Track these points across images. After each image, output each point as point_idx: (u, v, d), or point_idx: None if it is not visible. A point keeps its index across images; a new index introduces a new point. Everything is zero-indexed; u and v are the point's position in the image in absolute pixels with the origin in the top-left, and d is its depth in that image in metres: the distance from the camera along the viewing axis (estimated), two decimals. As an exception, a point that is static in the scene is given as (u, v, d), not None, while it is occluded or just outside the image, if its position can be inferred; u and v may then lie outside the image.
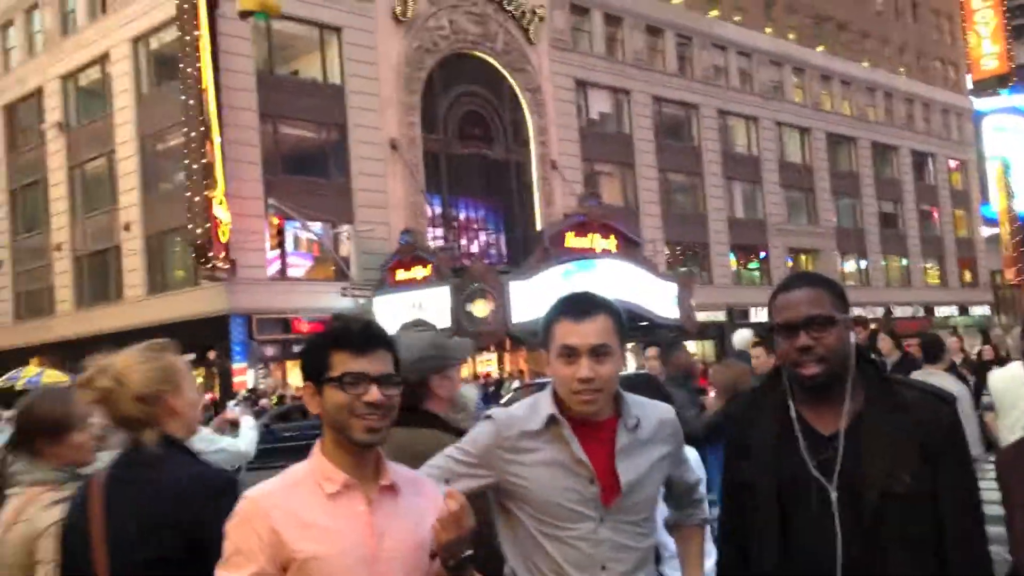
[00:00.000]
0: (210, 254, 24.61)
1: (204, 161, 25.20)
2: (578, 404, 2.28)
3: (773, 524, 2.16)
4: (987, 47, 59.56)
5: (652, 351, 8.52)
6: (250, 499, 2.00)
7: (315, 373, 2.05)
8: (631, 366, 32.37)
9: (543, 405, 2.34)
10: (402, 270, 28.61)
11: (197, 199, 25.05)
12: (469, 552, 1.99)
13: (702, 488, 2.68)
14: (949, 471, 2.13)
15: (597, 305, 2.33)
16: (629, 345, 34.92)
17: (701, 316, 31.27)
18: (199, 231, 24.76)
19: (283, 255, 28.24)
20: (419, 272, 28.03)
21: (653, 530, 2.39)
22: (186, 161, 25.76)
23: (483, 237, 34.42)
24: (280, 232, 25.79)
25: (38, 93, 34.38)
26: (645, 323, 31.56)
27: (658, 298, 31.35)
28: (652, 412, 2.42)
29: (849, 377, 2.18)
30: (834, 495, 2.11)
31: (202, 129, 25.23)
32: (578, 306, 2.32)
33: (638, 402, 2.40)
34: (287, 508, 1.97)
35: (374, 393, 2.01)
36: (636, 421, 2.34)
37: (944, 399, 2.21)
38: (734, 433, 2.34)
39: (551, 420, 2.30)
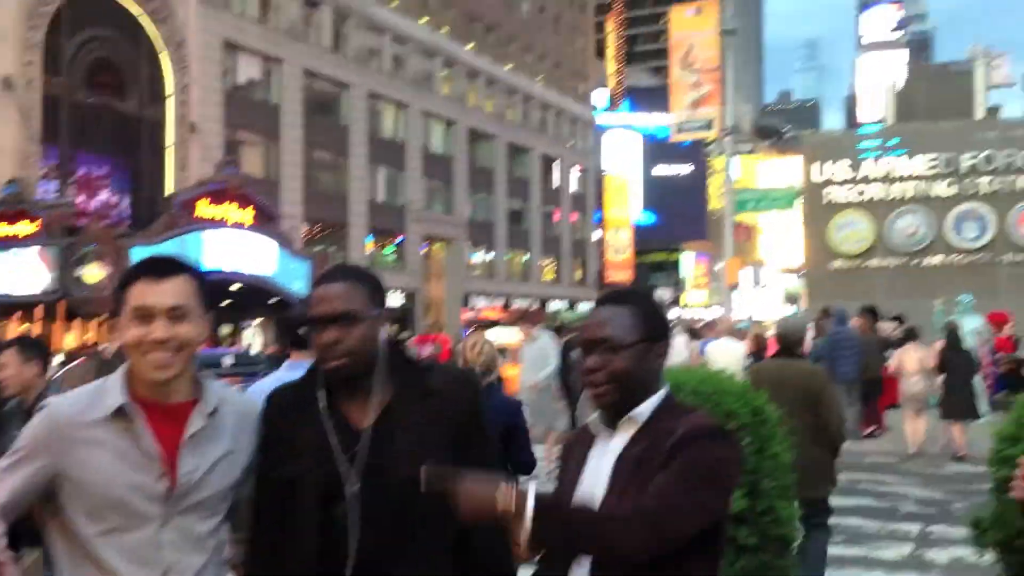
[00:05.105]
0: None
1: None
2: (152, 369, 2.12)
3: (313, 523, 2.17)
4: (612, 67, 65.80)
5: None
6: None
7: None
8: (256, 345, 31.78)
9: (112, 391, 2.16)
10: (4, 223, 25.72)
11: None
12: None
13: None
14: (473, 449, 2.28)
15: (178, 266, 2.21)
16: (258, 320, 34.36)
17: (334, 296, 31.44)
18: None
19: None
20: (24, 228, 25.36)
21: (225, 536, 2.27)
22: None
23: (105, 196, 31.83)
24: None
25: None
26: (277, 298, 31.13)
27: (292, 275, 31.01)
28: (236, 401, 2.31)
29: (376, 371, 2.25)
30: (354, 487, 2.17)
31: None
32: (157, 266, 2.20)
33: (220, 389, 2.29)
34: None
35: None
36: (214, 407, 2.21)
37: (468, 382, 2.42)
38: (274, 426, 2.29)
39: (120, 410, 2.13)
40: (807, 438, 5.72)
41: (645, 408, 2.12)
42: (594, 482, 2.13)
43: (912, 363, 12.47)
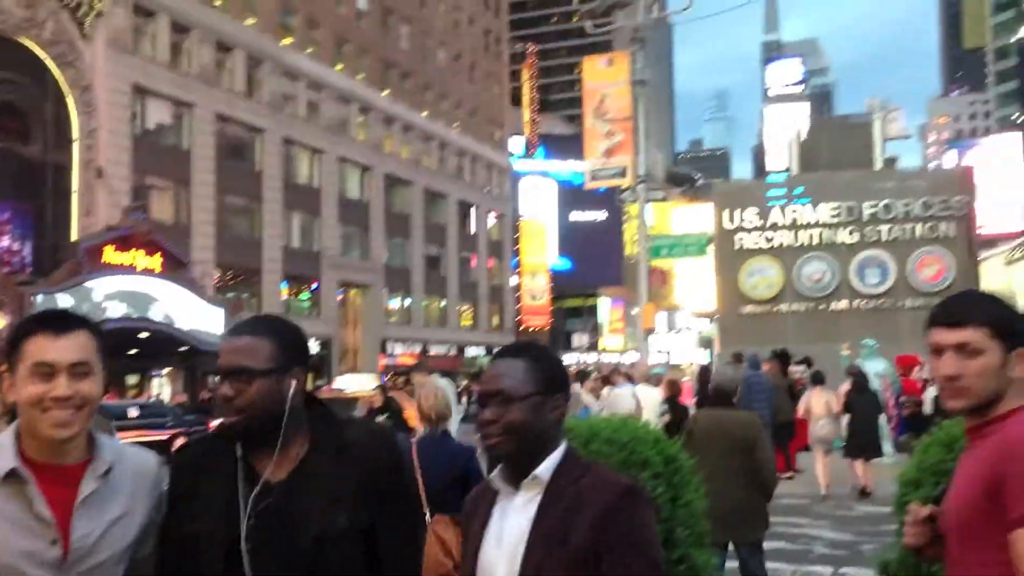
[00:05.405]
0: None
1: None
2: (52, 428, 2.04)
3: None
4: (527, 115, 66.84)
5: None
6: None
7: None
8: (164, 395, 30.88)
9: (0, 453, 2.08)
10: None
11: None
12: None
13: None
14: (388, 507, 2.25)
15: (78, 321, 2.15)
16: (167, 369, 33.43)
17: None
18: None
19: None
20: (-81, 275, 24.30)
21: None
22: None
23: (6, 242, 30.72)
24: None
25: None
26: (187, 347, 30.41)
27: (205, 322, 30.38)
28: (132, 460, 2.22)
29: (283, 424, 2.19)
30: (259, 543, 2.11)
31: None
32: (56, 321, 2.12)
33: (115, 447, 2.21)
34: None
35: None
36: (108, 467, 2.14)
37: (386, 436, 2.38)
38: (183, 480, 2.23)
39: (10, 473, 2.04)
40: (743, 483, 5.93)
41: (547, 466, 2.11)
42: (499, 544, 2.11)
43: (819, 407, 12.77)
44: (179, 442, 13.58)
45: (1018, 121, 76.04)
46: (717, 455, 5.88)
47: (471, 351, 56.72)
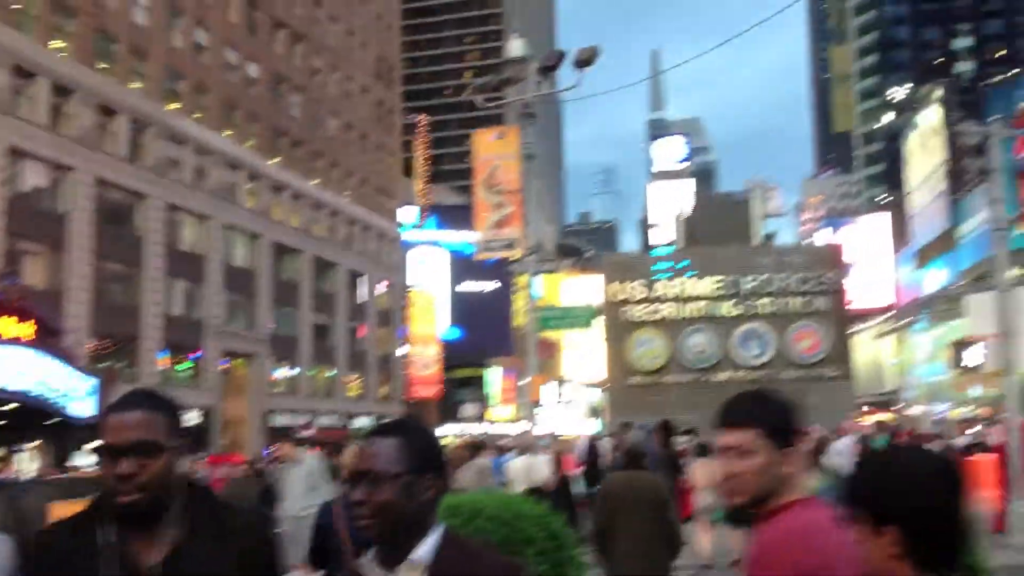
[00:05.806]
0: None
1: None
2: None
3: None
4: (419, 186, 67.19)
5: None
6: None
7: None
8: (30, 471, 29.21)
9: None
10: None
11: None
12: None
13: None
14: None
15: None
16: (35, 443, 31.66)
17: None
18: None
19: None
20: None
21: None
22: None
23: None
24: None
25: None
26: (57, 420, 28.96)
27: (75, 393, 28.99)
28: None
29: (173, 505, 2.13)
30: None
31: None
32: None
33: None
34: None
35: None
36: None
37: (266, 522, 2.35)
38: (45, 566, 2.11)
39: None
40: (655, 539, 6.21)
41: (426, 549, 2.05)
42: None
43: (702, 477, 12.96)
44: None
45: (883, 202, 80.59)
46: (632, 514, 6.23)
47: (360, 421, 55.71)
